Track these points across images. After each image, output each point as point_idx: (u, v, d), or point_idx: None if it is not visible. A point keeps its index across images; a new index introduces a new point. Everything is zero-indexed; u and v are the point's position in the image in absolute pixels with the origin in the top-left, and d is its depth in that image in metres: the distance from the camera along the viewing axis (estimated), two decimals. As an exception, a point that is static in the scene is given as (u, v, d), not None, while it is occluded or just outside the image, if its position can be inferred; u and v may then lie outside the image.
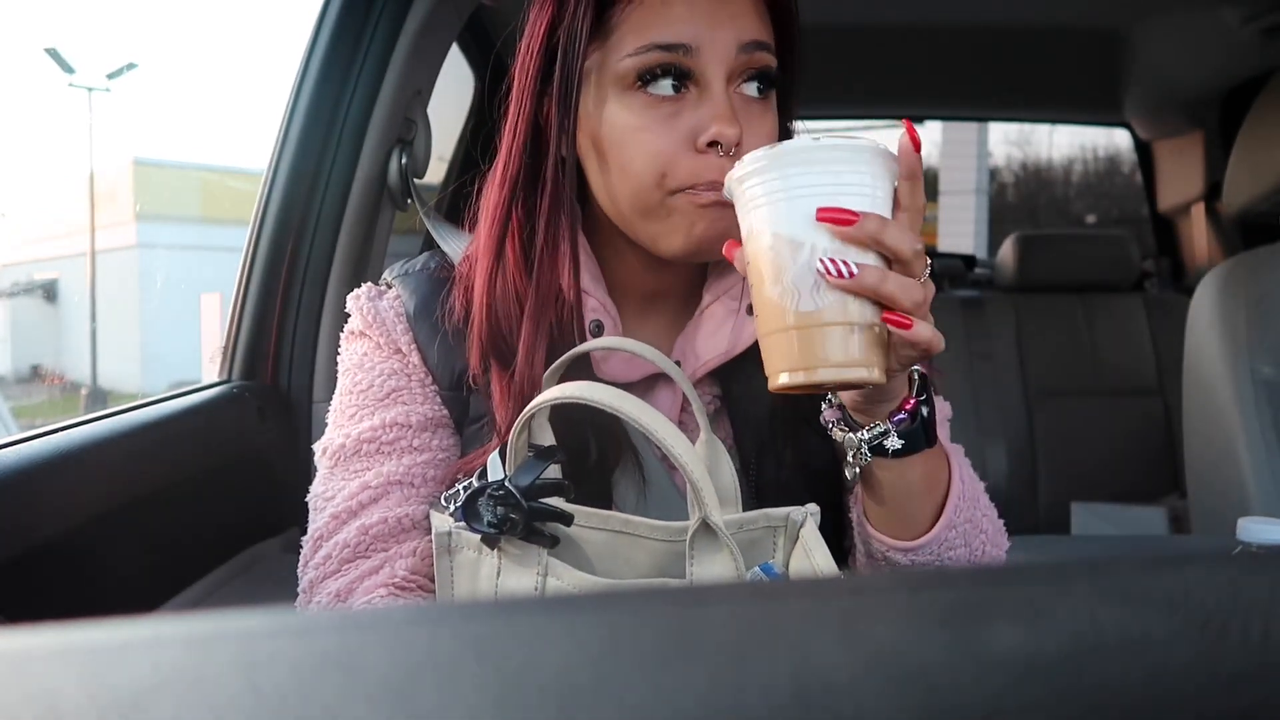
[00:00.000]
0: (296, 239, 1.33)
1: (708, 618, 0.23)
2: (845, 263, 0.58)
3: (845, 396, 0.67)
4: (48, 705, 0.20)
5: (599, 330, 0.76)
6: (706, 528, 0.62)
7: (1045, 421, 2.33)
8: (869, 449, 0.66)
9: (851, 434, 0.66)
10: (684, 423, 0.76)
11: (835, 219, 0.57)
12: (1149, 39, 2.02)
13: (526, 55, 0.74)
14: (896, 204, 0.61)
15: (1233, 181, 1.58)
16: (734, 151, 0.68)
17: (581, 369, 0.73)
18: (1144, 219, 2.92)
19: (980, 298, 2.54)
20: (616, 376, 0.74)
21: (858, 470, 0.67)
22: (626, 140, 0.70)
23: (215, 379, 1.33)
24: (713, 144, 0.69)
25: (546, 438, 0.71)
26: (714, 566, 0.63)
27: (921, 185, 0.60)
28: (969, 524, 0.71)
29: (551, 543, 0.66)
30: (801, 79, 0.78)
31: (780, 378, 0.60)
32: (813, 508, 0.66)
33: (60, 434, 0.94)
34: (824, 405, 0.69)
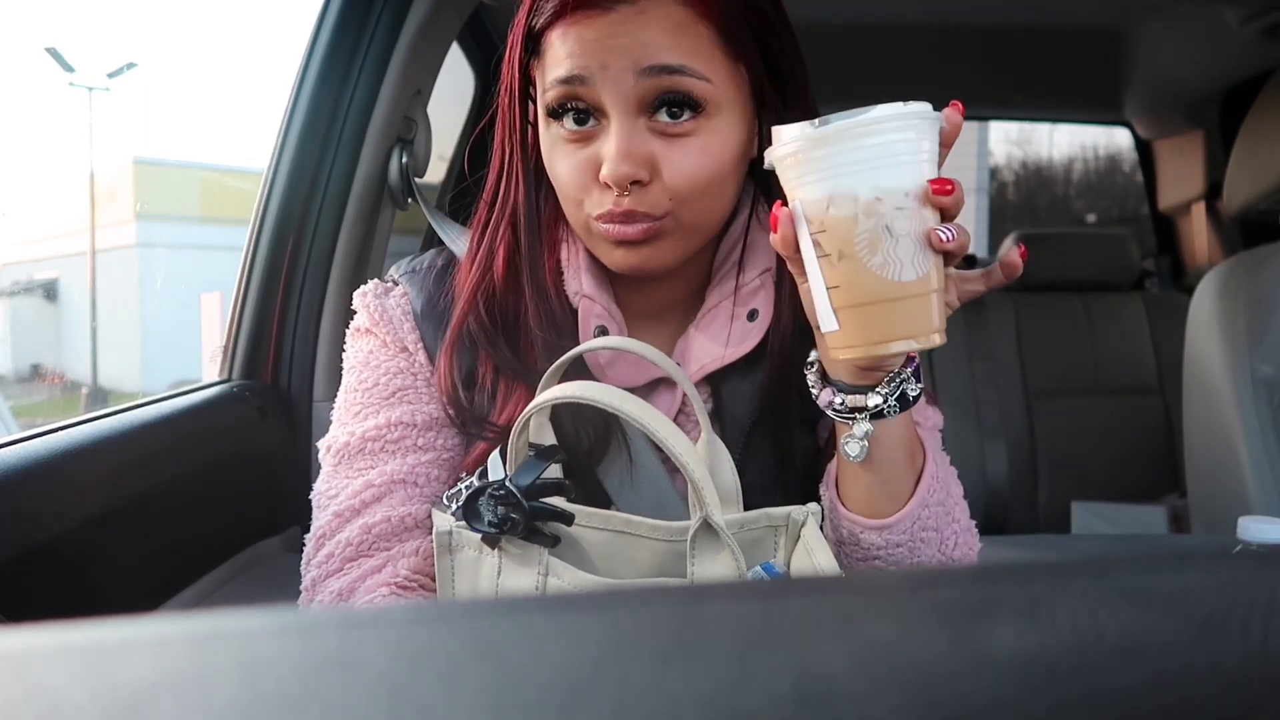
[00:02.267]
0: (296, 239, 1.33)
1: (709, 617, 0.23)
2: (948, 228, 0.59)
3: (862, 363, 0.66)
4: (48, 705, 0.20)
5: (603, 335, 0.76)
6: (708, 527, 0.62)
7: (1045, 421, 2.32)
8: (895, 402, 0.66)
9: (862, 396, 0.66)
10: (681, 424, 0.76)
11: (946, 189, 0.59)
12: (1149, 38, 2.02)
13: (502, 76, 0.76)
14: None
15: (1233, 181, 1.58)
16: (630, 190, 0.68)
17: (582, 373, 0.73)
18: (1144, 218, 2.92)
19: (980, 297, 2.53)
20: (621, 382, 0.75)
21: (865, 445, 0.67)
22: (553, 166, 0.72)
23: (215, 379, 1.33)
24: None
25: (547, 437, 0.71)
26: (715, 566, 0.63)
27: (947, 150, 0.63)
28: (941, 507, 0.72)
29: (552, 542, 0.66)
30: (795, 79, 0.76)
31: (873, 349, 0.60)
32: (814, 507, 0.66)
33: (60, 434, 0.94)
34: (818, 389, 0.69)
